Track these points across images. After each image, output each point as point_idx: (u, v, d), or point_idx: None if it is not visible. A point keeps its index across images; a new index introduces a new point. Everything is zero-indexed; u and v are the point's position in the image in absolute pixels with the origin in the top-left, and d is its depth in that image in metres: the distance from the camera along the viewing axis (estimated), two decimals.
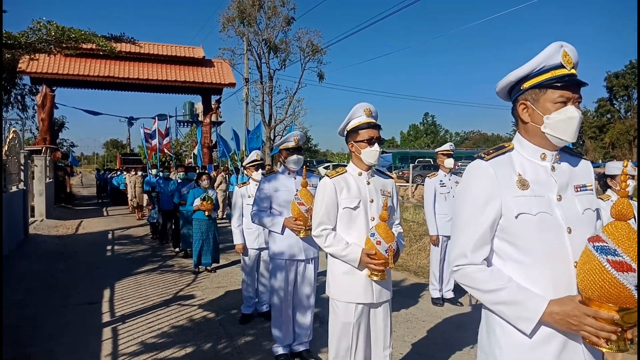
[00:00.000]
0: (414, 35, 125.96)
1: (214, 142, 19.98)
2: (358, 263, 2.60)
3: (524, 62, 1.60)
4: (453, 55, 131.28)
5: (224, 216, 13.33)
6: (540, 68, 1.57)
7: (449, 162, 5.52)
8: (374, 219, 2.70)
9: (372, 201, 2.72)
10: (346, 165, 2.87)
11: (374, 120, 2.74)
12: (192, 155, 21.16)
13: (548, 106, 1.56)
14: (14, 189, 10.07)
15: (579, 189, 1.62)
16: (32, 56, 7.75)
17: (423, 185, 22.53)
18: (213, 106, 22.28)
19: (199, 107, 24.67)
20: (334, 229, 2.74)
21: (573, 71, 1.55)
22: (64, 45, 7.52)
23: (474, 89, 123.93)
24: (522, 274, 1.56)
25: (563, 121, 1.54)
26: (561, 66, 1.55)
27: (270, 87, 31.54)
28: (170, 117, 13.93)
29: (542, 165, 1.63)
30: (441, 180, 5.48)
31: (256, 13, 30.47)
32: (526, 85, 1.61)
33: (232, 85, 21.80)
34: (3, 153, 9.03)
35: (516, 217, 1.56)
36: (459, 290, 5.76)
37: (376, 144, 2.70)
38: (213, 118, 22.37)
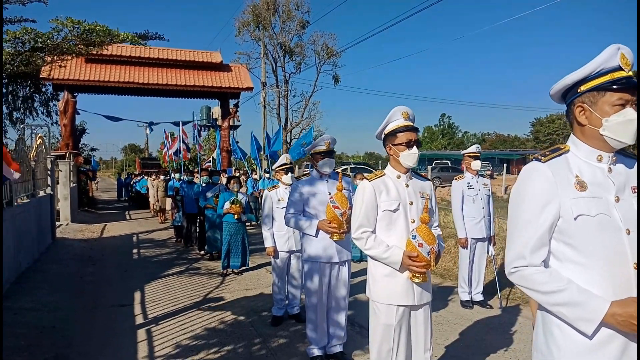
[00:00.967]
0: (431, 38, 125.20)
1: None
2: (400, 265, 2.62)
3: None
4: (470, 57, 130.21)
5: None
6: (598, 71, 1.58)
7: (476, 164, 5.51)
8: (413, 221, 2.72)
9: (411, 203, 2.75)
10: (364, 167, 2.90)
11: (412, 123, 2.77)
12: (210, 159, 21.30)
13: (606, 109, 1.58)
14: (42, 193, 10.28)
15: (635, 190, 1.63)
16: (61, 62, 7.88)
17: (441, 187, 22.52)
18: (231, 110, 22.42)
19: (216, 111, 24.84)
20: (373, 232, 2.77)
21: (630, 73, 1.57)
22: (89, 43, 7.56)
23: (490, 90, 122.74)
24: (581, 275, 1.57)
25: (622, 124, 1.56)
26: (619, 68, 1.56)
27: (286, 91, 31.70)
28: (196, 123, 14.10)
29: (598, 167, 1.64)
30: (469, 183, 5.47)
31: (271, 17, 30.68)
32: (583, 88, 1.62)
33: (250, 89, 21.93)
34: (31, 158, 9.22)
35: (575, 219, 1.57)
36: (488, 292, 5.75)
37: (415, 147, 2.73)
38: (231, 122, 22.54)
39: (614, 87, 1.55)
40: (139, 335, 4.77)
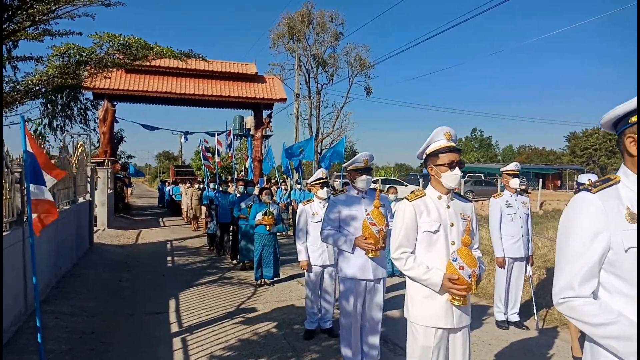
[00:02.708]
0: (466, 52, 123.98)
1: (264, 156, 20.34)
2: (439, 287, 2.60)
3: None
4: (507, 71, 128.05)
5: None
6: None
7: (515, 182, 5.42)
8: (454, 243, 2.70)
9: (452, 225, 2.73)
10: (394, 181, 2.88)
11: (454, 144, 2.76)
12: (243, 168, 21.59)
13: None
14: (82, 200, 10.61)
15: None
16: (105, 75, 8.17)
17: (474, 201, 22.16)
18: (264, 121, 22.72)
19: (249, 120, 25.19)
20: (412, 252, 2.76)
21: None
22: (132, 57, 7.81)
23: (524, 104, 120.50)
24: (632, 308, 1.54)
25: None
26: None
27: (318, 102, 31.92)
28: (231, 130, 14.31)
29: None
30: (507, 201, 5.37)
31: (305, 29, 31.05)
32: (634, 119, 1.60)
33: (283, 100, 22.18)
34: (73, 166, 9.53)
35: (626, 251, 1.54)
36: (524, 313, 5.62)
37: (457, 168, 2.71)
38: (263, 132, 22.82)
39: None
40: (174, 343, 4.86)
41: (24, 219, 5.19)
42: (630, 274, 1.54)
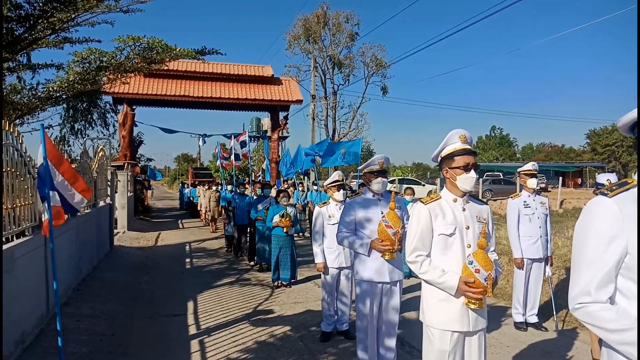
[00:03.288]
0: (484, 51, 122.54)
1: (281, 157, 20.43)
2: (455, 291, 2.59)
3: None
4: (524, 70, 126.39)
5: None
6: None
7: (532, 182, 5.35)
8: (470, 246, 2.68)
9: (467, 228, 2.71)
10: (411, 180, 2.87)
11: (469, 147, 2.74)
12: (260, 170, 21.72)
13: None
14: (102, 203, 10.79)
15: None
16: (124, 80, 8.29)
17: (493, 200, 21.91)
18: (281, 122, 22.82)
19: (266, 122, 25.32)
20: (428, 255, 2.75)
21: None
22: (150, 61, 7.91)
23: (542, 102, 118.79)
24: None
25: None
26: None
27: (334, 102, 31.95)
28: (246, 131, 14.41)
29: None
30: (525, 201, 5.31)
31: (321, 30, 31.11)
32: None
33: (300, 102, 22.27)
34: (94, 170, 9.69)
35: None
36: (543, 314, 5.54)
37: (472, 171, 2.69)
38: (280, 133, 22.93)
39: None
40: (192, 346, 4.91)
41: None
42: None
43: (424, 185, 26.28)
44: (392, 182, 25.25)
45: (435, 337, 2.69)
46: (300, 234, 13.21)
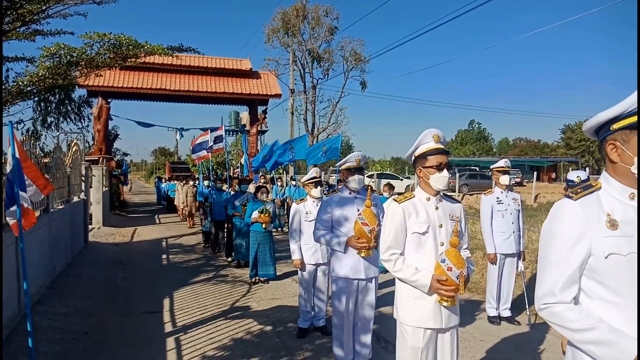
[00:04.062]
0: (461, 47, 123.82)
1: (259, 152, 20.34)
2: (428, 288, 2.62)
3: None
4: (500, 66, 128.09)
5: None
6: (631, 110, 1.57)
7: (505, 179, 5.43)
8: (443, 244, 2.72)
9: (440, 226, 2.74)
10: (389, 175, 2.90)
11: (442, 146, 2.77)
12: (238, 164, 21.61)
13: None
14: (76, 199, 10.58)
15: None
16: (98, 73, 8.13)
17: (469, 194, 22.22)
18: (259, 116, 22.71)
19: (244, 116, 25.18)
20: (402, 254, 2.78)
21: None
22: (123, 56, 7.75)
23: (519, 97, 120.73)
24: (612, 313, 1.56)
25: None
26: None
27: (313, 96, 31.90)
28: (229, 129, 14.26)
29: (631, 205, 1.62)
30: (498, 197, 5.40)
31: (300, 24, 30.98)
32: (616, 126, 1.61)
33: (278, 96, 22.20)
34: (67, 165, 9.49)
35: (606, 258, 1.57)
36: (516, 308, 5.66)
37: (445, 170, 2.72)
38: (259, 127, 22.82)
39: None
40: (168, 343, 4.87)
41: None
42: (610, 280, 1.57)
43: (402, 179, 26.47)
44: (370, 177, 25.38)
45: (408, 334, 2.72)
46: (279, 229, 13.20)
